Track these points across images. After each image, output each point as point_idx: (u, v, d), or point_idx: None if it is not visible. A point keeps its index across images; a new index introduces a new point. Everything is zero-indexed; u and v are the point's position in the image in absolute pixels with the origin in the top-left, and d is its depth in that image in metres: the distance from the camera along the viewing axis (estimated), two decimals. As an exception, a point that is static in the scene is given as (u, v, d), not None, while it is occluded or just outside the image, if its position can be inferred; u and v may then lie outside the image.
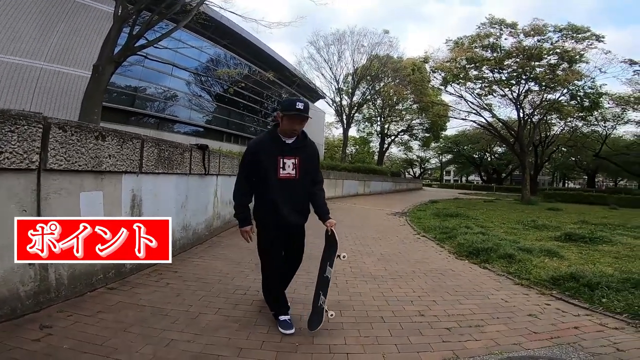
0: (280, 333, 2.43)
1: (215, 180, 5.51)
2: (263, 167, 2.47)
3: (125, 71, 22.44)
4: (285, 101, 2.57)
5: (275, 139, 2.51)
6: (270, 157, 2.46)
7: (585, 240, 6.47)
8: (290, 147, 2.51)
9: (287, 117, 2.42)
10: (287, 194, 2.49)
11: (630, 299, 3.18)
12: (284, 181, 2.48)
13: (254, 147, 2.57)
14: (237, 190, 2.60)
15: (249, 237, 2.60)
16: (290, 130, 2.46)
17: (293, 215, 2.53)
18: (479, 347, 2.33)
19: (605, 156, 31.11)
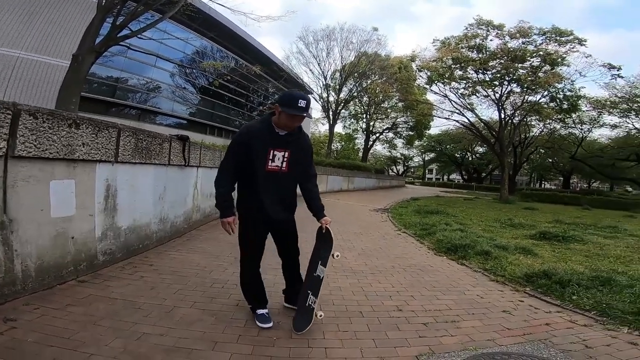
0: (257, 327, 2.40)
1: (195, 172, 5.40)
2: (252, 157, 2.33)
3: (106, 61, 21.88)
4: (286, 96, 2.35)
5: (269, 128, 2.36)
6: (260, 147, 2.33)
7: (558, 239, 6.67)
8: (283, 139, 2.37)
9: (287, 115, 2.26)
10: (272, 187, 2.39)
11: (598, 297, 3.27)
12: (271, 174, 2.37)
13: (246, 134, 2.38)
14: (220, 177, 2.43)
15: (230, 229, 2.41)
16: (288, 127, 2.33)
17: (278, 210, 2.44)
18: (454, 342, 2.36)
19: (580, 158, 32.19)
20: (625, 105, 25.36)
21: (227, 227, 2.41)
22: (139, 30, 11.10)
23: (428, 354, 2.17)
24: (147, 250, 4.06)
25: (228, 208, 2.40)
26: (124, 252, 3.66)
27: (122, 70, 24.53)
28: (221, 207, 2.41)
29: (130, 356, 1.91)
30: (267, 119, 2.40)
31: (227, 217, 2.40)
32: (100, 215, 3.28)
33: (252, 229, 2.45)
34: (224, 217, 2.40)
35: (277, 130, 2.36)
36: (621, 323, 2.76)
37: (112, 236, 3.46)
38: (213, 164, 6.09)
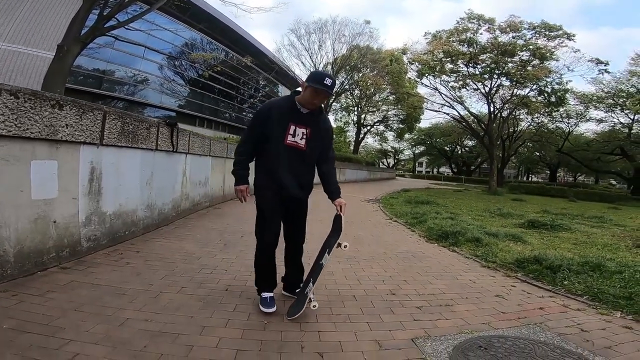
0: (247, 311, 2.33)
1: (184, 159, 5.26)
2: (272, 130, 2.35)
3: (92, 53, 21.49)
4: (314, 73, 2.47)
5: (291, 105, 2.39)
6: (281, 121, 2.35)
7: (547, 227, 6.75)
8: (305, 117, 2.39)
9: (313, 89, 2.29)
10: (291, 162, 2.38)
11: (589, 282, 3.29)
12: (290, 149, 2.37)
13: (267, 107, 2.43)
14: (241, 147, 2.48)
15: (243, 197, 2.44)
16: (311, 103, 2.35)
17: (294, 187, 2.42)
18: (449, 325, 2.34)
19: (567, 152, 32.67)
20: (611, 100, 25.82)
21: (240, 195, 2.46)
22: (126, 21, 10.94)
23: (424, 337, 2.14)
24: (134, 237, 3.94)
25: (243, 176, 2.46)
26: (110, 239, 3.54)
27: (108, 62, 24.14)
28: (237, 174, 2.46)
29: (112, 342, 1.82)
30: (291, 97, 2.44)
31: (240, 185, 2.44)
32: (84, 198, 3.16)
33: (269, 203, 2.41)
34: (238, 184, 2.45)
35: (300, 107, 2.38)
36: (614, 307, 2.76)
37: (96, 221, 3.34)
38: (202, 151, 5.96)
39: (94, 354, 1.70)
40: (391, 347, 2.00)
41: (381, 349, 1.98)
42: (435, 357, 1.91)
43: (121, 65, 25.13)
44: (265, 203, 2.43)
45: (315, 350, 1.92)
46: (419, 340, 2.09)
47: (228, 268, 3.21)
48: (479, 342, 2.10)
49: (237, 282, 2.86)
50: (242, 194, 2.44)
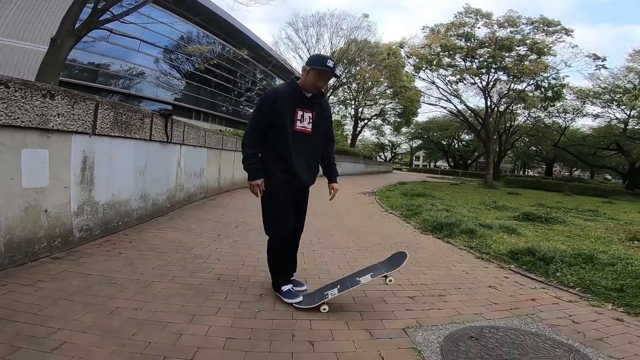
0: (239, 300, 2.33)
1: (178, 150, 5.22)
2: (280, 117, 2.31)
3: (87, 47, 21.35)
4: (315, 56, 2.50)
5: (295, 89, 2.37)
6: (287, 107, 2.32)
7: (541, 220, 6.80)
8: (309, 100, 2.38)
9: (316, 72, 2.29)
10: (301, 148, 2.36)
11: (581, 274, 3.31)
12: (300, 135, 2.36)
13: (273, 95, 2.37)
14: (248, 138, 2.38)
15: (260, 190, 2.36)
16: (315, 86, 2.34)
17: (304, 172, 2.41)
18: (441, 315, 2.34)
19: (563, 146, 32.84)
20: (607, 96, 25.97)
21: (255, 190, 2.37)
22: (121, 14, 10.87)
23: (415, 327, 2.14)
24: (127, 227, 3.92)
25: (258, 170, 2.36)
26: (102, 229, 3.52)
27: (103, 56, 24.00)
28: (250, 169, 2.36)
29: (100, 330, 1.81)
30: (292, 82, 2.41)
31: (256, 180, 2.35)
32: (76, 188, 3.13)
33: (285, 193, 2.38)
34: (254, 179, 2.36)
35: (303, 91, 2.37)
36: (605, 299, 2.78)
37: (89, 211, 3.31)
38: (197, 142, 5.92)
39: (82, 342, 1.69)
40: (382, 337, 2.00)
41: (372, 338, 1.98)
42: (426, 347, 1.91)
43: (116, 59, 24.98)
44: (281, 193, 2.37)
45: (306, 339, 1.91)
46: (410, 330, 2.10)
47: (221, 258, 3.20)
48: (471, 332, 2.11)
49: (229, 272, 2.86)
50: (259, 187, 2.36)
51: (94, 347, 1.66)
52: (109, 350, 1.64)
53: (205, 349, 1.73)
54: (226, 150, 7.63)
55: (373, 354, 1.82)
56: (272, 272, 2.50)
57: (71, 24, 9.34)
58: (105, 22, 10.44)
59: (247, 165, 2.37)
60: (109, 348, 1.66)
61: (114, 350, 1.65)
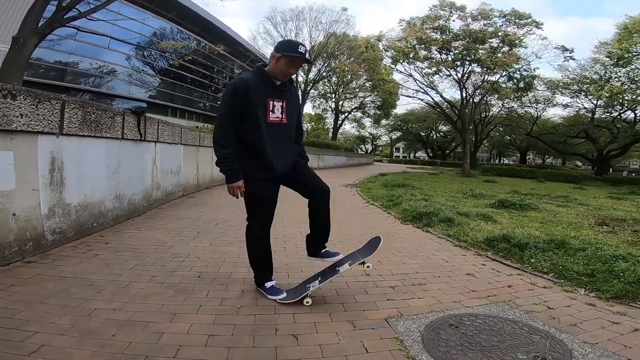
0: (220, 297, 2.30)
1: (153, 148, 5.08)
2: (253, 110, 2.16)
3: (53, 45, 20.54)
4: (285, 42, 2.32)
5: (264, 78, 2.23)
6: (258, 98, 2.17)
7: (516, 207, 6.97)
8: (279, 88, 2.26)
9: (287, 58, 2.16)
10: (277, 140, 2.25)
11: (554, 259, 3.38)
12: (274, 126, 2.23)
13: (242, 85, 2.17)
14: (222, 136, 2.17)
15: (240, 193, 2.21)
16: (285, 73, 2.22)
17: (285, 163, 2.31)
18: (422, 304, 2.37)
19: (535, 135, 34.01)
20: (576, 87, 27.05)
21: (236, 192, 2.21)
22: (88, 12, 10.51)
23: (397, 317, 2.16)
24: (103, 229, 3.81)
25: (236, 171, 2.18)
26: (77, 231, 3.41)
27: (71, 54, 23.17)
28: (227, 171, 2.18)
29: (79, 332, 1.76)
30: (260, 70, 2.26)
31: (236, 182, 2.18)
32: (45, 190, 3.01)
33: (264, 190, 2.28)
34: (233, 181, 2.18)
35: (273, 80, 2.25)
36: (578, 284, 2.84)
37: (60, 213, 3.20)
38: (173, 139, 5.79)
39: (60, 345, 1.64)
40: (365, 327, 2.01)
41: (355, 329, 1.99)
42: (408, 336, 1.93)
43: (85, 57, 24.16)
44: (265, 193, 2.28)
45: (290, 332, 1.92)
46: (392, 320, 2.11)
47: (201, 256, 3.16)
48: (450, 320, 2.13)
49: (210, 269, 2.82)
50: (240, 190, 2.20)
51: (74, 349, 1.62)
52: (89, 352, 1.61)
53: (188, 347, 1.72)
54: (204, 147, 7.50)
55: (356, 344, 1.83)
56: (254, 267, 2.44)
57: (34, 22, 9.02)
58: (71, 19, 10.10)
59: (224, 167, 2.18)
60: (89, 349, 1.63)
61: (94, 351, 1.62)
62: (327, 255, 2.49)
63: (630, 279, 2.80)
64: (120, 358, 1.59)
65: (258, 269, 2.43)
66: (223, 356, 1.67)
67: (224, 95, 2.27)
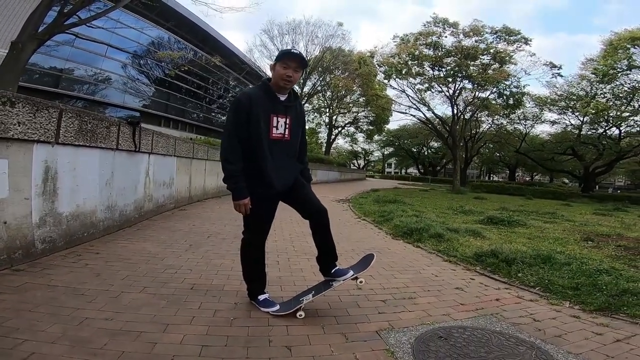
0: (214, 308, 2.31)
1: (147, 159, 5.09)
2: (256, 125, 2.15)
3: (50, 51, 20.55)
4: (280, 51, 2.37)
5: (268, 93, 2.22)
6: (262, 113, 2.16)
7: (504, 223, 7.10)
8: (283, 104, 2.26)
9: (281, 62, 2.18)
10: (279, 156, 2.25)
11: (541, 274, 3.48)
12: (276, 142, 2.23)
13: (247, 101, 2.17)
14: (229, 152, 2.16)
15: (246, 210, 2.21)
16: (283, 79, 2.19)
17: (286, 180, 2.30)
18: (412, 317, 2.41)
19: (524, 152, 34.63)
20: (563, 103, 27.71)
21: (242, 210, 2.22)
22: (88, 19, 10.55)
23: (388, 329, 2.20)
24: (94, 239, 3.79)
25: (242, 189, 2.18)
26: (67, 241, 3.39)
27: (67, 60, 23.10)
28: (235, 188, 2.18)
29: (70, 341, 1.76)
30: (264, 85, 2.27)
31: (243, 199, 2.19)
32: (37, 199, 3.00)
33: (263, 207, 2.28)
34: (239, 198, 2.19)
35: (277, 94, 2.25)
36: (563, 297, 2.93)
37: (52, 223, 3.18)
38: (167, 151, 5.80)
39: (51, 353, 1.64)
40: (357, 340, 2.04)
41: (347, 341, 2.02)
42: (399, 348, 1.96)
43: (81, 64, 24.07)
44: (263, 209, 2.28)
45: (283, 344, 1.93)
46: (383, 332, 2.15)
47: (193, 267, 3.16)
48: (440, 332, 2.18)
49: (202, 281, 2.82)
50: (246, 207, 2.20)
51: (65, 357, 1.62)
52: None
53: (182, 357, 1.72)
54: (197, 159, 7.51)
55: (348, 356, 1.85)
56: (248, 280, 2.45)
57: (34, 27, 8.98)
58: (72, 26, 10.11)
59: (232, 185, 2.18)
60: (81, 358, 1.63)
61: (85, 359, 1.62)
62: (337, 274, 2.48)
63: (612, 292, 2.91)
64: (113, 367, 1.59)
65: (251, 282, 2.44)
66: (217, 367, 1.68)
67: (229, 111, 2.28)
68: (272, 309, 2.31)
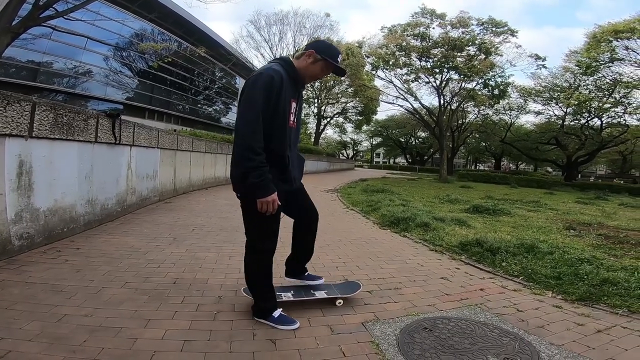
0: (196, 303, 2.27)
1: (128, 152, 4.97)
2: (282, 110, 1.89)
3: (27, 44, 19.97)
4: (325, 44, 2.07)
5: (293, 76, 1.99)
6: (288, 98, 1.93)
7: (489, 212, 7.20)
8: (297, 90, 2.06)
9: (327, 64, 2.00)
10: (293, 147, 2.04)
11: (524, 263, 3.50)
12: (292, 131, 2.01)
13: (279, 80, 1.87)
14: (255, 141, 1.80)
15: (274, 207, 1.89)
16: (314, 78, 2.06)
17: (297, 174, 2.14)
18: (397, 308, 2.41)
19: (509, 142, 35.16)
20: (547, 94, 28.15)
21: (269, 207, 1.86)
22: (66, 11, 10.19)
23: (373, 321, 2.20)
24: (74, 234, 3.69)
25: (270, 182, 1.85)
26: (46, 236, 3.29)
27: (45, 53, 22.41)
28: (261, 183, 1.82)
29: (48, 338, 1.72)
30: (289, 66, 2.00)
31: (272, 194, 1.86)
32: (12, 194, 2.89)
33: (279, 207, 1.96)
34: (268, 194, 1.84)
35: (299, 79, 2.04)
36: (545, 287, 2.95)
37: (28, 218, 3.08)
38: (150, 143, 5.67)
39: (29, 351, 1.60)
40: (342, 332, 2.04)
41: (333, 333, 2.01)
42: (384, 340, 1.96)
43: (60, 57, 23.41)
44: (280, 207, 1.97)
45: (268, 338, 1.91)
46: (369, 324, 2.15)
47: (177, 261, 3.11)
48: (424, 323, 2.18)
49: (186, 275, 2.78)
50: (275, 203, 1.88)
51: (43, 355, 1.59)
52: (59, 358, 1.58)
53: (163, 352, 1.70)
54: (182, 151, 7.37)
55: (334, 349, 1.85)
56: (259, 297, 2.09)
57: (8, 20, 8.65)
58: (48, 19, 9.76)
59: (257, 179, 1.80)
60: (59, 355, 1.59)
61: (64, 357, 1.59)
62: (310, 278, 2.44)
63: (593, 281, 2.95)
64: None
65: (266, 299, 2.08)
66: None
67: (252, 88, 1.86)
68: (293, 326, 2.03)
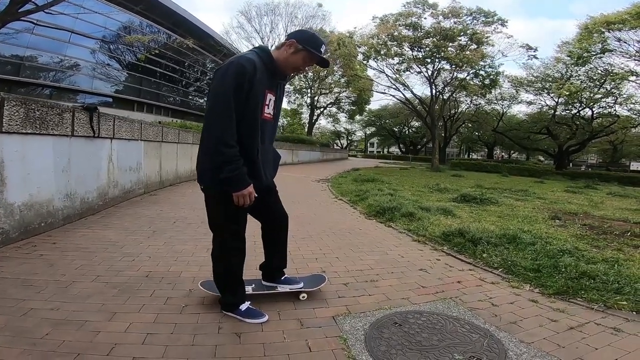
0: (165, 296, 2.25)
1: (109, 145, 4.89)
2: (253, 101, 1.80)
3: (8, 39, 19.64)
4: (309, 34, 1.98)
5: (269, 66, 1.89)
6: (261, 88, 1.83)
7: (476, 201, 7.13)
8: (275, 80, 1.95)
9: (308, 54, 1.91)
10: (267, 142, 1.95)
11: (505, 254, 3.40)
12: (265, 124, 1.92)
13: (251, 68, 1.76)
14: (227, 135, 1.73)
15: (251, 199, 1.85)
16: (295, 68, 1.96)
17: (270, 170, 2.06)
18: (371, 302, 2.36)
19: (501, 131, 35.36)
20: (539, 85, 28.22)
21: (246, 200, 1.83)
22: (45, 5, 9.94)
23: (344, 314, 2.15)
24: (52, 229, 3.65)
25: (245, 174, 1.81)
26: (22, 232, 3.25)
27: (28, 48, 22.02)
28: (236, 176, 1.77)
29: (11, 332, 1.73)
30: (266, 55, 1.91)
31: (247, 187, 1.81)
32: (-18, 190, 2.85)
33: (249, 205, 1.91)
34: (244, 186, 1.80)
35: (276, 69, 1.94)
36: (524, 280, 2.86)
37: (2, 214, 3.03)
38: (132, 135, 5.59)
39: (-11, 344, 1.60)
40: (312, 326, 2.00)
41: (302, 327, 1.98)
42: (352, 335, 1.92)
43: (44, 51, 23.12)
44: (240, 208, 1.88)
45: (233, 331, 1.89)
46: (340, 318, 2.11)
47: (153, 255, 3.08)
48: (395, 318, 2.13)
49: (159, 269, 2.76)
50: (251, 196, 1.84)
51: (3, 348, 1.60)
52: (18, 350, 1.59)
53: (123, 345, 1.70)
54: (167, 143, 7.28)
55: (300, 343, 1.82)
56: (226, 290, 2.06)
57: None
58: (27, 13, 9.54)
59: (232, 172, 1.76)
60: (19, 348, 1.61)
61: (24, 349, 1.60)
62: (288, 282, 2.36)
63: (572, 274, 2.86)
64: (51, 356, 1.57)
65: (234, 293, 2.05)
66: (159, 354, 1.65)
67: (222, 78, 1.78)
68: (262, 320, 2.01)
